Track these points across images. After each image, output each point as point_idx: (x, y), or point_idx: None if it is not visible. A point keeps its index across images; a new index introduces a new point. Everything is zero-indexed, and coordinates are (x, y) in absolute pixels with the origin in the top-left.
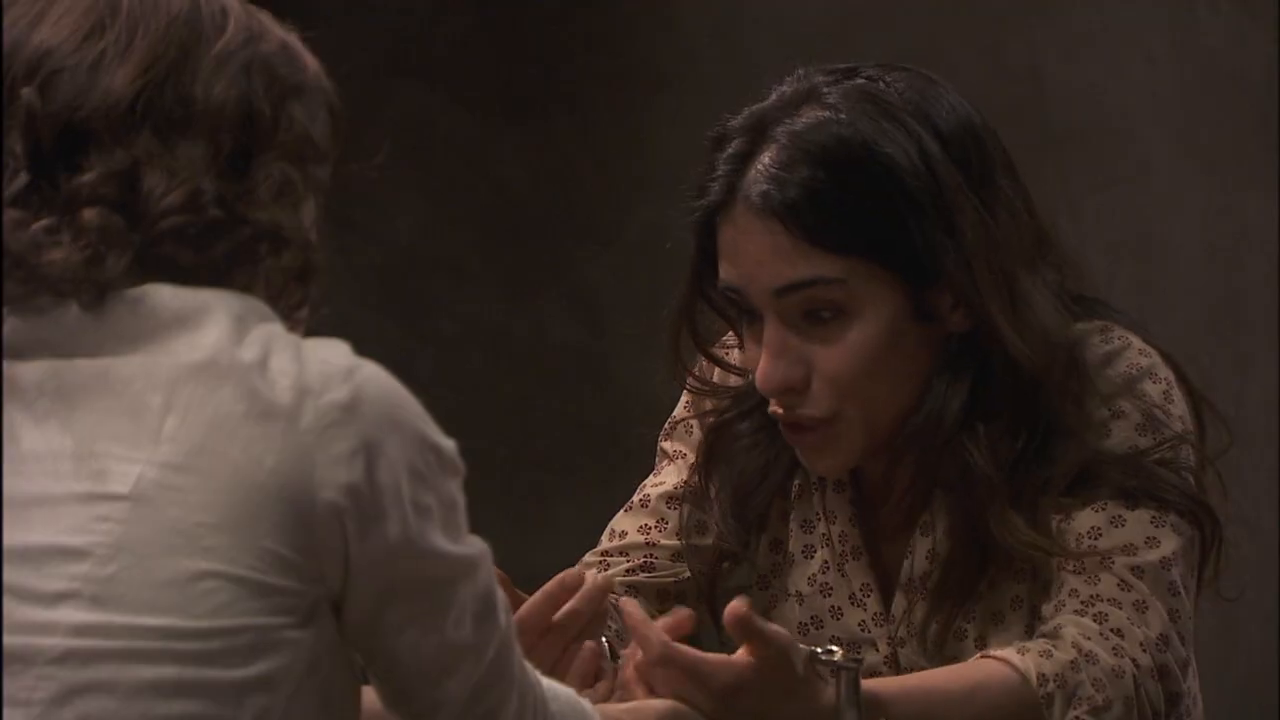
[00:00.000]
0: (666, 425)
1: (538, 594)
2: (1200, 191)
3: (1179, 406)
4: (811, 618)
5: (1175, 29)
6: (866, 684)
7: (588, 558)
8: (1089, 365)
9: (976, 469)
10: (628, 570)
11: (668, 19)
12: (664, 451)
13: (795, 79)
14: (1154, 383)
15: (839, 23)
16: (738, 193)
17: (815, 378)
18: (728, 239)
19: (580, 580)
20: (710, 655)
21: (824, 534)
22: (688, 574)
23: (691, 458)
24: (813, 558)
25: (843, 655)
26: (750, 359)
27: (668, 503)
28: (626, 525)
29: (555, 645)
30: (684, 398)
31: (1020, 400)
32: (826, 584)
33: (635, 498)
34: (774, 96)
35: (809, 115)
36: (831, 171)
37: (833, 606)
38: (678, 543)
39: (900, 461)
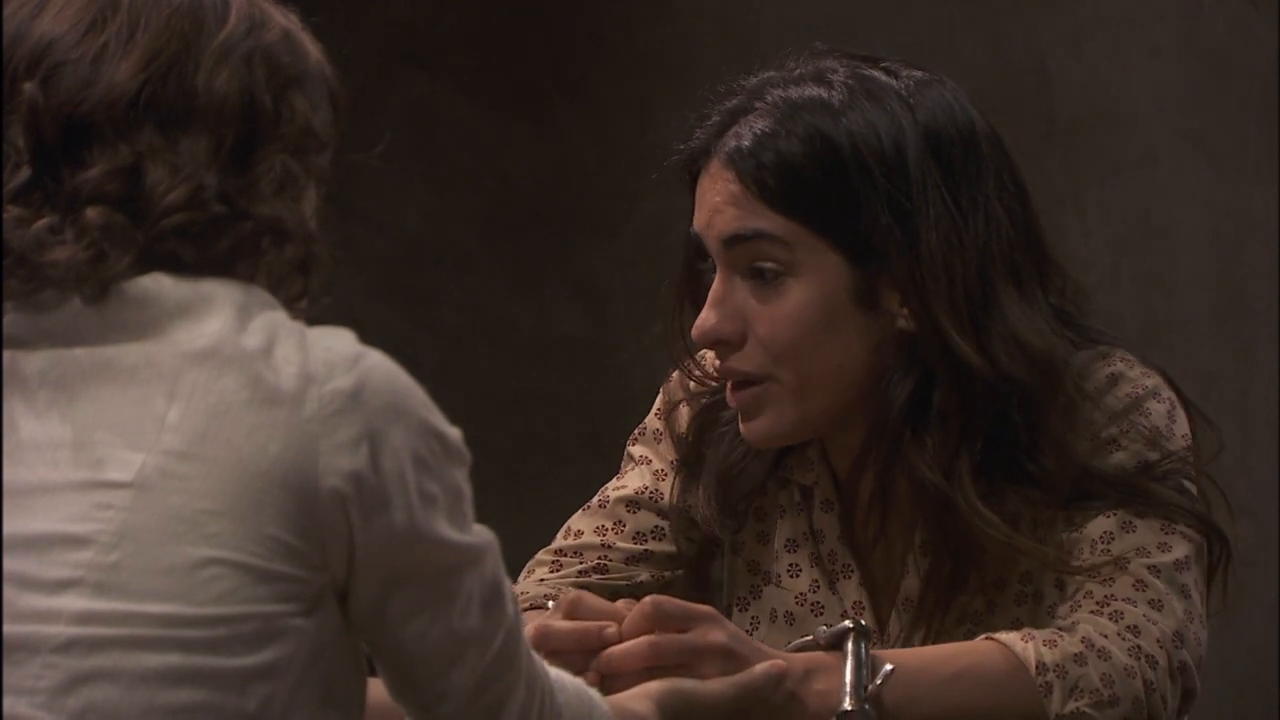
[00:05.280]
0: (636, 431)
1: (571, 628)
2: (1204, 182)
3: (1182, 427)
4: (802, 637)
5: (1180, 21)
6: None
7: (541, 555)
8: (1093, 391)
9: (925, 480)
10: (580, 571)
11: (672, 9)
12: (630, 456)
13: (812, 55)
14: (1158, 403)
15: (843, 13)
16: (714, 145)
17: (750, 336)
18: (701, 189)
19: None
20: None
21: (812, 553)
22: (642, 578)
23: (658, 465)
24: (798, 577)
25: (851, 621)
26: None
27: (627, 506)
28: (583, 526)
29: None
30: (656, 405)
31: (972, 407)
32: (817, 603)
33: (594, 499)
34: (787, 69)
35: (807, 90)
36: (802, 140)
37: (826, 625)
38: (634, 546)
39: (866, 467)
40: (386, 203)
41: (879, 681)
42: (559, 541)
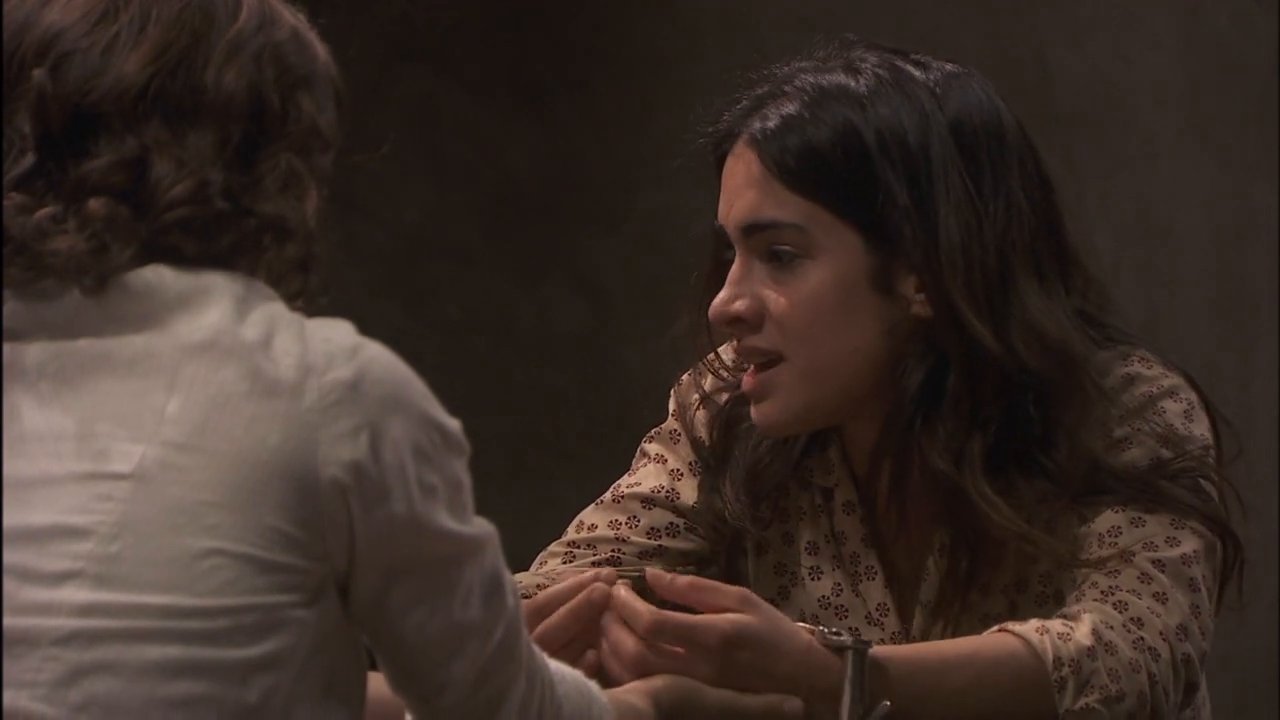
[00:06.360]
0: (653, 431)
1: (563, 611)
2: (1206, 176)
3: (1200, 427)
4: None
5: (1181, 14)
6: (874, 651)
7: (553, 547)
8: (1109, 390)
9: (936, 467)
10: (593, 564)
11: (673, 5)
12: (644, 452)
13: (843, 45)
14: (1175, 401)
15: (844, 9)
16: (741, 127)
17: (766, 317)
18: (726, 170)
19: (606, 596)
20: (700, 616)
21: (834, 556)
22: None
23: (674, 464)
24: (820, 579)
25: (852, 638)
26: None
27: (642, 503)
28: (596, 519)
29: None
30: (672, 406)
31: (985, 393)
32: (841, 606)
33: (608, 494)
34: (818, 57)
35: (836, 78)
36: (827, 125)
37: (850, 628)
38: (648, 541)
39: (881, 460)
40: (387, 197)
41: (877, 717)
42: (571, 534)
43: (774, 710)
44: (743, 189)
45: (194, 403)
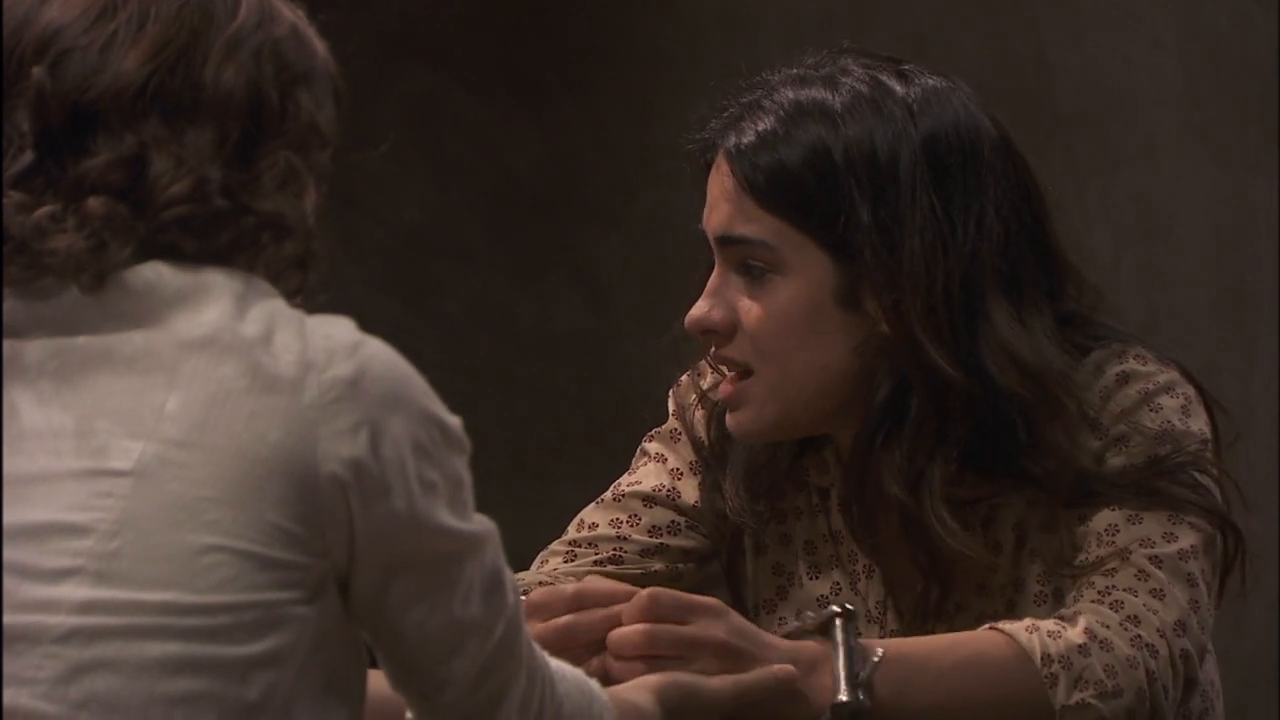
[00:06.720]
0: (653, 430)
1: (605, 612)
2: (1206, 174)
3: (1198, 421)
4: (794, 621)
5: (1181, 12)
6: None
7: (555, 546)
8: (1104, 389)
9: (888, 492)
10: (595, 562)
11: (673, 3)
12: (645, 451)
13: (834, 53)
14: (1171, 397)
15: (844, 7)
16: (721, 139)
17: (739, 328)
18: (709, 180)
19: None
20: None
21: (832, 555)
22: (656, 569)
23: (674, 464)
24: (818, 578)
25: (836, 604)
26: None
27: (643, 501)
28: (597, 518)
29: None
30: (671, 407)
31: (947, 415)
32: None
33: (608, 493)
34: (806, 65)
35: (815, 93)
36: (799, 144)
37: (811, 613)
38: (649, 539)
39: (852, 475)
40: (387, 195)
41: (869, 670)
42: (572, 533)
43: (777, 681)
44: (719, 201)
45: (194, 399)
